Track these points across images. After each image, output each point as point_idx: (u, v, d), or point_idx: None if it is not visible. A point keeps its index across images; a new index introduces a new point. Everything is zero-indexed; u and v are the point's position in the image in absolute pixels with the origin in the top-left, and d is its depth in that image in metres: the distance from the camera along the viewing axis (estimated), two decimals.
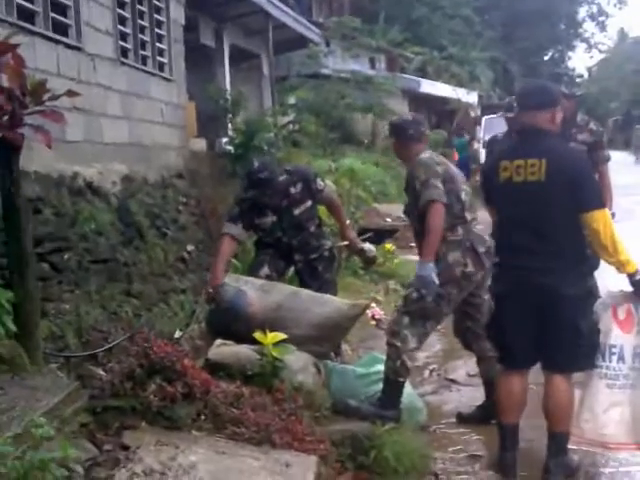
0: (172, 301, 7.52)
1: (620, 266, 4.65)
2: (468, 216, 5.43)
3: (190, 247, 8.52)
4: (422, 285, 5.26)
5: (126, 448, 3.95)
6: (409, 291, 5.53)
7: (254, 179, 6.37)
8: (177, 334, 6.81)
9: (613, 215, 6.80)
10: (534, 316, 4.72)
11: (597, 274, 5.64)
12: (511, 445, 4.93)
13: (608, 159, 7.00)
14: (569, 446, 4.90)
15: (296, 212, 6.52)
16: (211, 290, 6.18)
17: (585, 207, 4.61)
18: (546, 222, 4.67)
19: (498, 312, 4.94)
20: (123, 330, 6.09)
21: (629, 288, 4.77)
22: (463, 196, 5.44)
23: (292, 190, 6.46)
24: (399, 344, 5.40)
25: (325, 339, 5.95)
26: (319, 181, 6.68)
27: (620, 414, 4.83)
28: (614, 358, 4.82)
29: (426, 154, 5.51)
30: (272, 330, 5.34)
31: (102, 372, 5.02)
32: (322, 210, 6.97)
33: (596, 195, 4.72)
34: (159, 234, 7.85)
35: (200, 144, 11.75)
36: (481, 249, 5.39)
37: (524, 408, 5.01)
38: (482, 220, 5.55)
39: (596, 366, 4.84)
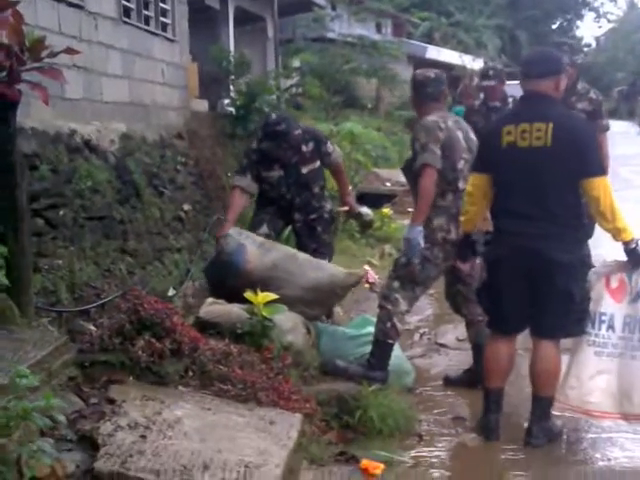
0: (167, 260, 7.58)
1: (617, 233, 4.70)
2: (460, 185, 5.46)
3: (187, 207, 8.56)
4: (407, 247, 5.36)
5: (112, 402, 4.01)
6: (398, 256, 5.61)
7: (270, 131, 6.43)
8: (171, 292, 6.87)
9: None
10: (527, 282, 4.78)
11: (592, 243, 5.67)
12: (495, 409, 5.01)
13: (607, 128, 7.02)
14: (553, 412, 4.98)
15: (304, 170, 6.60)
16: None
17: (587, 173, 4.65)
18: (547, 187, 4.70)
19: (491, 277, 4.99)
20: (116, 287, 6.14)
21: (623, 258, 4.83)
22: (460, 165, 5.45)
23: (304, 148, 6.53)
24: (390, 307, 5.47)
25: (317, 303, 6.04)
26: (329, 144, 6.79)
27: (606, 382, 4.91)
28: (603, 326, 4.90)
29: (432, 117, 5.50)
30: (265, 289, 5.41)
31: (93, 328, 5.08)
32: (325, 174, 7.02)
33: (598, 162, 4.79)
34: (156, 193, 7.87)
35: (202, 105, 11.72)
36: None
37: (510, 373, 5.09)
38: None
39: (585, 333, 4.91)
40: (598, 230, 4.99)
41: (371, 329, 5.67)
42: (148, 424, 3.80)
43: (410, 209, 13.33)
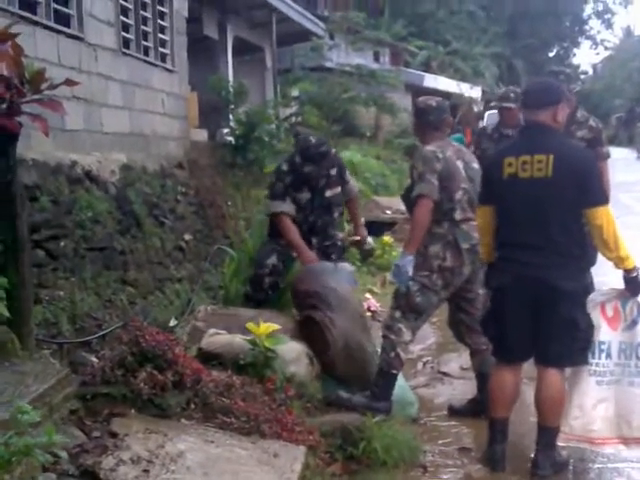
0: (168, 290, 7.56)
1: (619, 262, 4.69)
2: (457, 216, 5.44)
3: (188, 236, 8.55)
4: (396, 273, 5.39)
5: (114, 435, 3.96)
6: (397, 286, 5.60)
7: (315, 153, 6.49)
8: (172, 322, 6.84)
9: None
10: (532, 311, 4.75)
11: (595, 270, 5.65)
12: (501, 439, 4.96)
13: (607, 156, 7.01)
14: (559, 443, 4.93)
15: (328, 194, 6.66)
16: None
17: (590, 203, 4.65)
18: (549, 217, 4.69)
19: (496, 306, 4.95)
20: (117, 318, 6.11)
21: (619, 286, 4.82)
22: (458, 196, 5.43)
23: (332, 172, 6.55)
24: (393, 337, 5.45)
25: None
26: (347, 172, 6.89)
27: (605, 410, 4.90)
28: (603, 355, 4.88)
29: (431, 147, 5.50)
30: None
31: (95, 359, 5.04)
32: None
33: (601, 191, 4.77)
34: (157, 223, 7.87)
35: (201, 135, 11.76)
36: (465, 245, 5.44)
37: (515, 402, 5.05)
38: None
39: (589, 361, 4.87)
40: (601, 258, 4.97)
41: None
42: (151, 458, 3.76)
43: None
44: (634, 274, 4.73)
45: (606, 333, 4.86)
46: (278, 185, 6.56)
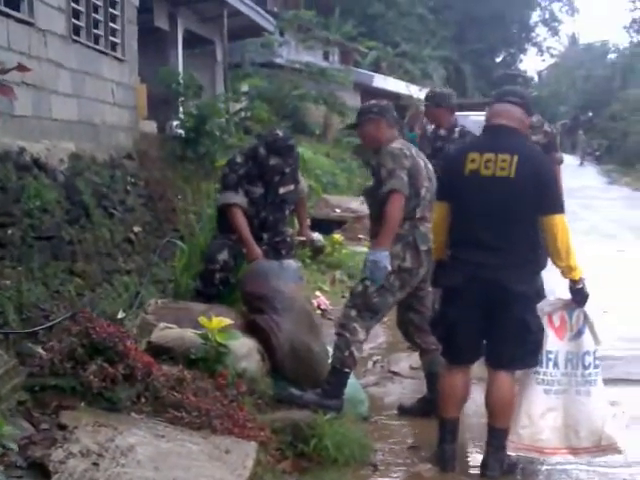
0: (116, 282, 7.42)
1: (568, 271, 4.74)
2: (418, 213, 5.44)
3: (137, 228, 8.41)
4: (374, 269, 5.29)
5: (63, 428, 3.87)
6: (355, 284, 5.58)
7: (283, 146, 6.44)
8: (120, 315, 6.72)
9: None
10: (483, 312, 4.74)
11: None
12: (451, 439, 4.95)
13: (561, 161, 7.08)
14: (508, 452, 4.93)
15: (281, 191, 6.59)
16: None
17: (548, 210, 4.68)
18: (507, 218, 4.69)
19: (447, 307, 4.92)
20: (65, 309, 5.99)
21: (565, 296, 4.89)
22: (423, 192, 5.44)
23: (286, 169, 6.46)
24: (348, 335, 5.40)
25: None
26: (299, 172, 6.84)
27: (554, 419, 4.92)
28: (550, 364, 4.91)
29: (397, 144, 5.53)
30: None
31: (42, 351, 4.92)
32: None
33: (559, 200, 4.84)
34: (106, 214, 7.73)
35: (150, 126, 11.61)
36: (423, 247, 5.43)
37: (465, 403, 5.04)
38: None
39: (537, 370, 4.90)
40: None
41: None
42: (100, 451, 3.68)
43: (361, 235, 13.41)
44: (580, 285, 4.79)
45: (553, 343, 4.90)
46: (231, 176, 6.46)
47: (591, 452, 4.98)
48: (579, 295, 4.82)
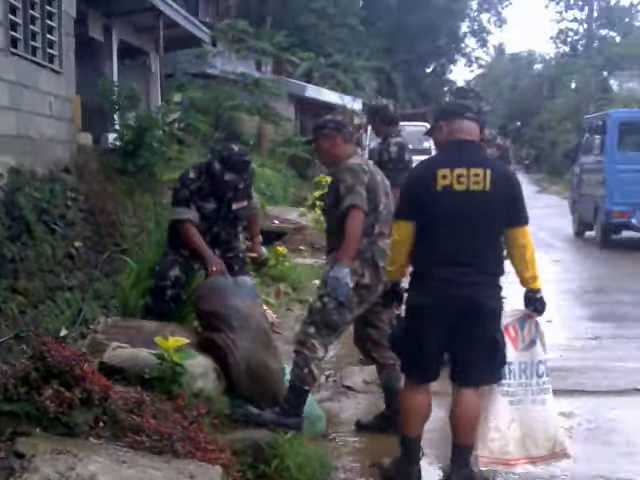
0: (59, 299, 7.22)
1: (532, 281, 4.77)
2: (377, 229, 5.37)
3: (78, 244, 8.21)
4: (335, 286, 5.19)
5: (21, 456, 3.67)
6: (312, 301, 5.50)
7: (237, 161, 6.28)
8: (63, 332, 6.53)
9: None
10: (450, 329, 4.66)
11: None
12: (417, 458, 4.87)
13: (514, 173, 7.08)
14: (480, 468, 4.89)
15: (234, 206, 6.43)
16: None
17: (519, 222, 4.71)
18: (479, 233, 4.66)
19: (412, 325, 4.78)
20: (7, 327, 5.81)
21: (517, 307, 4.94)
22: (381, 208, 5.38)
23: (240, 185, 6.31)
24: (307, 352, 5.30)
25: None
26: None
27: (514, 430, 4.90)
28: (511, 375, 4.90)
29: (356, 160, 5.48)
30: None
31: None
32: None
33: (526, 210, 4.81)
34: (47, 229, 7.54)
35: (86, 139, 11.40)
36: (381, 263, 5.34)
37: (427, 420, 4.94)
38: None
39: (501, 382, 4.87)
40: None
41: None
42: None
43: (302, 247, 13.33)
44: (541, 294, 4.82)
45: (511, 354, 4.88)
46: (183, 192, 6.29)
47: (546, 460, 5.01)
48: (539, 303, 4.84)
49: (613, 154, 16.76)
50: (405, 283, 4.95)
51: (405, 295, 4.93)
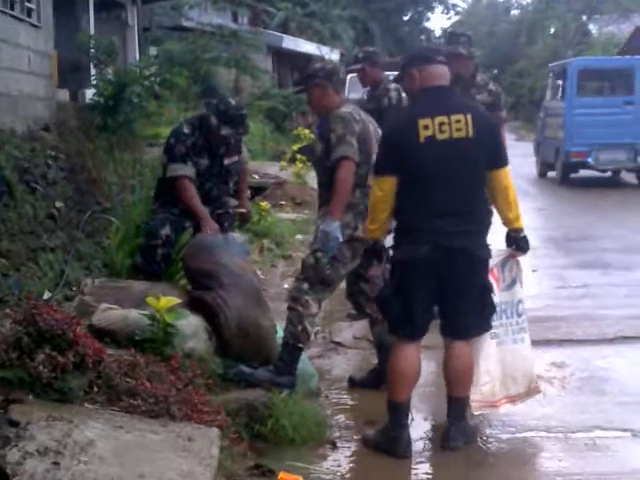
0: (41, 260, 7.11)
1: (515, 220, 4.79)
2: (369, 180, 5.27)
3: (59, 204, 8.07)
4: (325, 240, 5.13)
5: (15, 424, 3.61)
6: (305, 257, 5.42)
7: (236, 115, 6.17)
8: (46, 295, 6.44)
9: None
10: (441, 282, 4.60)
11: None
12: (406, 422, 4.76)
13: (505, 120, 7.03)
14: (473, 412, 4.92)
15: (226, 162, 6.35)
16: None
17: (500, 163, 4.69)
18: (466, 181, 4.60)
19: (402, 280, 4.68)
20: None
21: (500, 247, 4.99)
22: (373, 158, 5.27)
23: (231, 139, 6.21)
24: (301, 309, 5.23)
25: None
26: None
27: (498, 371, 4.96)
28: (496, 316, 4.92)
29: (347, 108, 5.36)
30: None
31: None
32: None
33: (505, 151, 4.85)
34: (28, 189, 7.40)
35: (64, 95, 11.22)
36: None
37: (417, 382, 4.86)
38: None
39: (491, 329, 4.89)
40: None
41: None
42: (59, 448, 3.45)
43: (282, 202, 13.24)
44: (523, 232, 4.86)
45: (497, 295, 4.90)
46: (178, 147, 6.16)
47: (522, 397, 5.10)
48: (523, 241, 4.88)
49: (572, 99, 18.34)
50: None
51: (389, 252, 4.84)
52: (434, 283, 4.62)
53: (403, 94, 7.35)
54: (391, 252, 4.83)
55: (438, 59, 4.76)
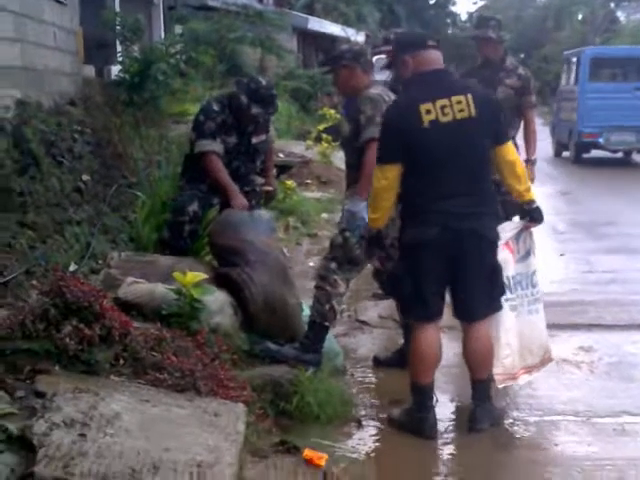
0: (67, 233, 7.10)
1: (526, 193, 4.81)
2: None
3: (86, 177, 8.06)
4: (350, 221, 5.10)
5: (41, 395, 3.59)
6: (333, 236, 5.38)
7: (265, 94, 6.15)
8: (72, 267, 6.43)
9: (534, 161, 6.81)
10: (450, 264, 4.56)
11: None
12: (431, 404, 4.72)
13: (535, 105, 6.96)
14: (497, 386, 4.90)
15: (254, 140, 6.33)
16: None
17: (504, 138, 4.71)
18: (473, 161, 4.57)
19: (412, 263, 4.63)
20: (18, 262, 5.70)
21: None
22: None
23: (260, 118, 6.17)
24: (329, 288, 5.20)
25: None
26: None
27: (517, 342, 4.98)
28: (512, 288, 4.96)
29: (376, 89, 5.32)
30: None
31: None
32: None
33: (506, 126, 4.93)
34: (55, 163, 7.38)
35: (89, 71, 11.20)
36: None
37: (439, 364, 4.81)
38: None
39: (507, 297, 4.90)
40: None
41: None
42: (85, 420, 3.42)
43: (308, 180, 13.20)
44: (536, 203, 4.87)
45: (510, 267, 4.95)
46: (208, 124, 6.13)
47: (538, 367, 5.15)
48: (537, 212, 4.90)
49: (585, 84, 19.80)
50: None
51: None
52: (444, 264, 4.57)
53: None
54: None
55: (429, 44, 4.69)
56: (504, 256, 4.88)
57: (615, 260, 9.03)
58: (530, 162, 6.95)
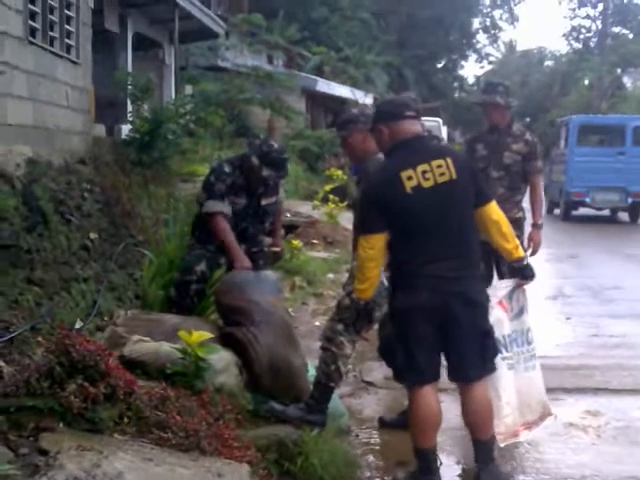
0: (74, 290, 7.14)
1: (515, 251, 4.80)
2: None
3: (93, 235, 8.13)
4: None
5: (45, 453, 3.59)
6: (341, 298, 5.35)
7: (276, 158, 6.19)
8: (78, 325, 6.45)
9: (541, 226, 6.85)
10: (442, 328, 4.54)
11: None
12: (435, 468, 4.67)
13: (541, 170, 7.00)
14: (499, 445, 4.89)
15: (263, 202, 6.38)
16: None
17: (486, 199, 4.70)
18: (456, 225, 4.58)
19: (405, 327, 4.61)
20: (24, 319, 5.72)
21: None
22: None
23: (270, 181, 6.22)
24: (335, 349, 5.18)
25: None
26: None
27: (515, 400, 5.05)
28: (509, 347, 5.06)
29: None
30: None
31: (2, 363, 4.70)
32: None
33: (486, 186, 4.95)
34: (63, 221, 7.46)
35: (100, 130, 11.35)
36: None
37: (440, 425, 4.74)
38: None
39: (504, 356, 4.98)
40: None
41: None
42: (88, 479, 3.41)
43: (314, 240, 13.24)
44: (526, 261, 4.92)
45: (506, 325, 5.04)
46: (219, 185, 6.18)
47: (537, 423, 5.23)
48: (528, 270, 4.95)
49: (573, 149, 21.71)
50: None
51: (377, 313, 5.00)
52: (435, 329, 4.54)
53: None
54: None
55: (406, 114, 4.69)
56: (498, 315, 4.96)
57: (621, 324, 9.00)
58: (537, 226, 6.99)
